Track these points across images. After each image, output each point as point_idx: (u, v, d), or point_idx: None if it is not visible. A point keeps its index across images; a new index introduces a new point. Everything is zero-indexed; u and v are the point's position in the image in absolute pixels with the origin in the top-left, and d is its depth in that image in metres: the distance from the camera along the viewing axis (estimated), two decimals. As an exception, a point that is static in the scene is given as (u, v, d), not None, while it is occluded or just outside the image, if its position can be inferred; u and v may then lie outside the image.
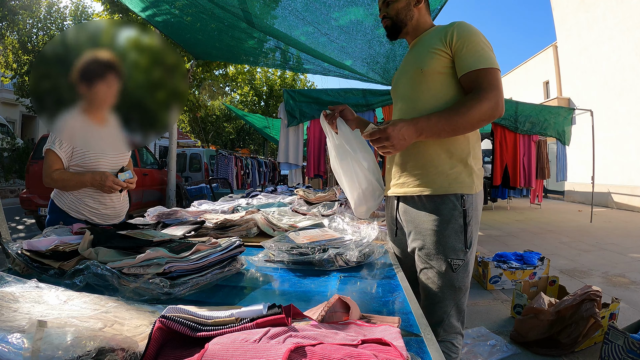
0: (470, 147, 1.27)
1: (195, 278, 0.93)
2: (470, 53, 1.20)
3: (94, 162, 1.77)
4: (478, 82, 1.19)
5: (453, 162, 1.25)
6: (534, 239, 6.09)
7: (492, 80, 1.18)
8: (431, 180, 1.26)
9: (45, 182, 1.74)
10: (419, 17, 1.39)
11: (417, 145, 1.28)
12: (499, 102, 1.17)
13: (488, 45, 1.24)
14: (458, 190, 1.23)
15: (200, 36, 4.06)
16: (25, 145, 13.60)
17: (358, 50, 3.50)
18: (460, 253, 1.23)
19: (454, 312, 1.27)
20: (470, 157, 1.27)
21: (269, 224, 1.64)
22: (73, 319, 0.54)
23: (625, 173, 10.90)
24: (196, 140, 21.41)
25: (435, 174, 1.26)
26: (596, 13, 12.12)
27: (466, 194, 1.24)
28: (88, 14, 14.84)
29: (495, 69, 1.19)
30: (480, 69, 1.18)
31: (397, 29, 1.41)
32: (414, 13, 1.38)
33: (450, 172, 1.25)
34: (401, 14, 1.38)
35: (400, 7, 1.37)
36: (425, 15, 1.41)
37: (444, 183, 1.24)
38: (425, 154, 1.28)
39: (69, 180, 1.72)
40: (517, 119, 6.60)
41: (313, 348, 0.47)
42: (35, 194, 5.73)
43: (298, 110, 5.22)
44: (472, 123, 1.18)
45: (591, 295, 2.39)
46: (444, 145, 1.26)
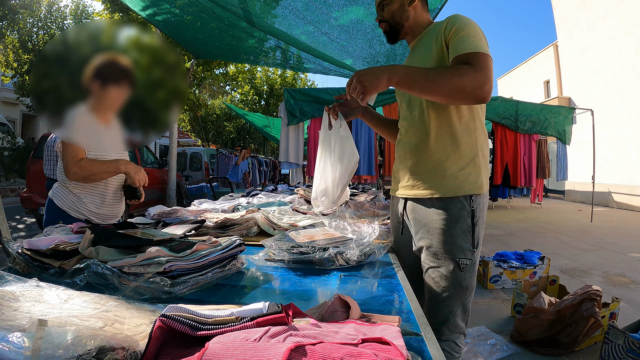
0: (479, 147, 1.27)
1: (195, 277, 0.93)
2: (462, 39, 1.16)
3: None
4: (468, 61, 1.13)
5: (462, 164, 1.24)
6: (534, 238, 6.09)
7: (483, 63, 1.11)
8: (440, 184, 1.25)
9: (71, 172, 1.66)
10: (415, 16, 1.37)
11: (426, 146, 1.28)
12: (484, 83, 1.09)
13: (481, 35, 1.19)
14: (468, 192, 1.23)
15: (201, 35, 4.06)
16: (25, 145, 13.59)
17: (358, 50, 3.49)
18: (468, 253, 1.23)
19: (460, 312, 1.28)
20: (478, 156, 1.26)
21: (269, 223, 1.64)
22: (73, 318, 0.54)
23: (625, 172, 10.89)
24: (197, 139, 21.42)
25: (444, 177, 1.25)
26: (597, 13, 12.10)
27: (475, 195, 1.24)
28: (88, 13, 14.83)
29: (487, 55, 1.14)
30: (472, 52, 1.14)
31: (395, 31, 1.39)
32: (410, 13, 1.36)
33: (459, 174, 1.24)
34: (396, 16, 1.36)
35: (395, 9, 1.36)
36: (422, 13, 1.38)
37: (453, 185, 1.24)
38: (434, 156, 1.27)
39: (100, 165, 1.69)
40: (517, 119, 6.60)
41: (313, 347, 0.47)
42: (35, 193, 5.74)
43: (298, 109, 5.22)
44: (449, 88, 1.10)
45: (591, 294, 2.39)
46: (452, 146, 1.25)
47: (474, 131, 1.26)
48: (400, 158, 1.40)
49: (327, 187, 1.52)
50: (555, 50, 15.03)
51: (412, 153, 1.32)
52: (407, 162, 1.35)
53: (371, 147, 5.47)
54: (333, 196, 1.52)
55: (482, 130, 1.29)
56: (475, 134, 1.27)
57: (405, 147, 1.36)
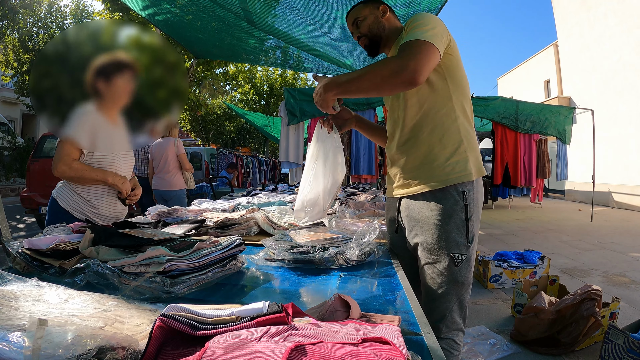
0: (462, 137, 1.28)
1: (195, 277, 0.93)
2: (409, 34, 1.18)
3: (103, 163, 1.76)
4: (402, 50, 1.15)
5: (447, 154, 1.27)
6: (534, 238, 6.09)
7: (413, 49, 1.12)
8: (430, 176, 1.27)
9: (59, 170, 1.66)
10: (389, 26, 1.42)
11: (412, 144, 1.31)
12: (409, 65, 1.10)
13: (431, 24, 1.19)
14: (456, 181, 1.24)
15: (201, 35, 4.05)
16: (25, 144, 13.59)
17: (358, 50, 3.49)
18: (463, 248, 1.25)
19: (457, 308, 1.28)
20: (463, 144, 1.27)
21: (269, 223, 1.64)
22: (74, 318, 0.54)
23: (625, 172, 10.89)
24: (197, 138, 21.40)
25: (432, 169, 1.27)
26: (597, 12, 12.09)
27: (467, 185, 1.25)
28: (88, 13, 14.84)
29: (421, 40, 1.13)
30: (408, 40, 1.15)
31: (375, 43, 1.43)
32: (384, 24, 1.41)
33: (446, 165, 1.26)
34: (373, 29, 1.41)
35: (370, 22, 1.40)
36: (394, 22, 1.43)
37: (442, 176, 1.26)
38: (420, 151, 1.30)
39: (89, 172, 1.70)
40: (517, 118, 6.60)
41: (313, 347, 0.47)
42: (35, 192, 5.74)
43: (298, 108, 5.22)
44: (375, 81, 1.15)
45: (591, 294, 2.39)
46: (435, 138, 1.27)
47: (455, 120, 1.28)
48: (391, 160, 1.43)
49: (317, 197, 1.50)
50: (556, 49, 15.02)
51: (401, 153, 1.35)
52: (398, 162, 1.37)
53: (371, 147, 5.47)
54: (323, 206, 1.52)
55: (464, 119, 1.30)
56: (457, 123, 1.28)
57: (395, 148, 1.39)
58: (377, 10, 1.41)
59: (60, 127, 1.21)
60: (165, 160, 4.30)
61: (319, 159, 1.49)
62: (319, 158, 1.49)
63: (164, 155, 4.30)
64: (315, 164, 1.50)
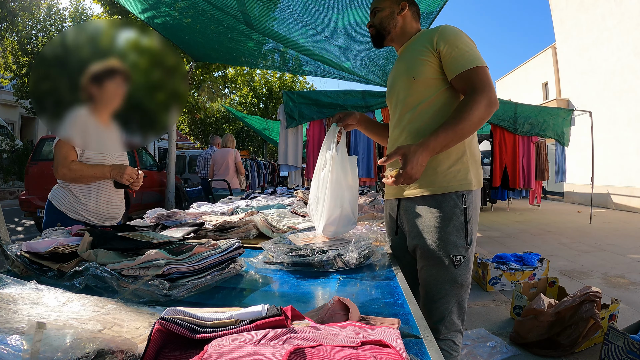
0: (466, 146, 1.31)
1: (194, 280, 0.93)
2: (457, 55, 1.24)
3: (95, 161, 1.79)
4: (470, 82, 1.22)
5: (450, 162, 1.29)
6: (533, 240, 6.09)
7: (483, 78, 1.21)
8: (431, 181, 1.29)
9: (60, 173, 1.73)
10: (404, 25, 1.44)
11: None
12: (492, 98, 1.20)
13: (473, 45, 1.27)
14: (457, 189, 1.27)
15: (200, 38, 4.06)
16: (24, 147, 13.58)
17: (357, 52, 3.50)
18: (462, 249, 1.26)
19: (456, 309, 1.29)
20: (466, 154, 1.30)
21: (268, 226, 1.64)
22: (72, 321, 0.54)
23: (624, 174, 10.91)
24: (195, 142, 21.38)
25: (434, 175, 1.29)
26: (595, 14, 12.14)
27: (466, 192, 1.27)
28: (87, 16, 14.85)
29: (483, 67, 1.23)
30: (470, 69, 1.22)
31: (381, 36, 1.47)
32: (398, 21, 1.43)
33: (448, 172, 1.28)
34: (384, 22, 1.44)
35: (384, 15, 1.43)
36: (411, 22, 1.45)
37: (443, 183, 1.28)
38: None
39: (88, 170, 1.74)
40: (516, 121, 6.60)
41: (312, 350, 0.47)
42: (34, 195, 5.72)
43: (297, 111, 5.22)
44: (475, 124, 1.20)
45: (591, 296, 2.39)
46: None
47: None
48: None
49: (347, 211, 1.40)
50: (554, 52, 15.08)
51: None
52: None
53: (370, 150, 5.47)
54: (354, 216, 1.44)
55: None
56: None
57: None
58: (397, 5, 1.43)
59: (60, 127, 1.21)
60: (227, 166, 5.47)
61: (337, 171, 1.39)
62: (336, 170, 1.40)
63: (225, 162, 5.47)
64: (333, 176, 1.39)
